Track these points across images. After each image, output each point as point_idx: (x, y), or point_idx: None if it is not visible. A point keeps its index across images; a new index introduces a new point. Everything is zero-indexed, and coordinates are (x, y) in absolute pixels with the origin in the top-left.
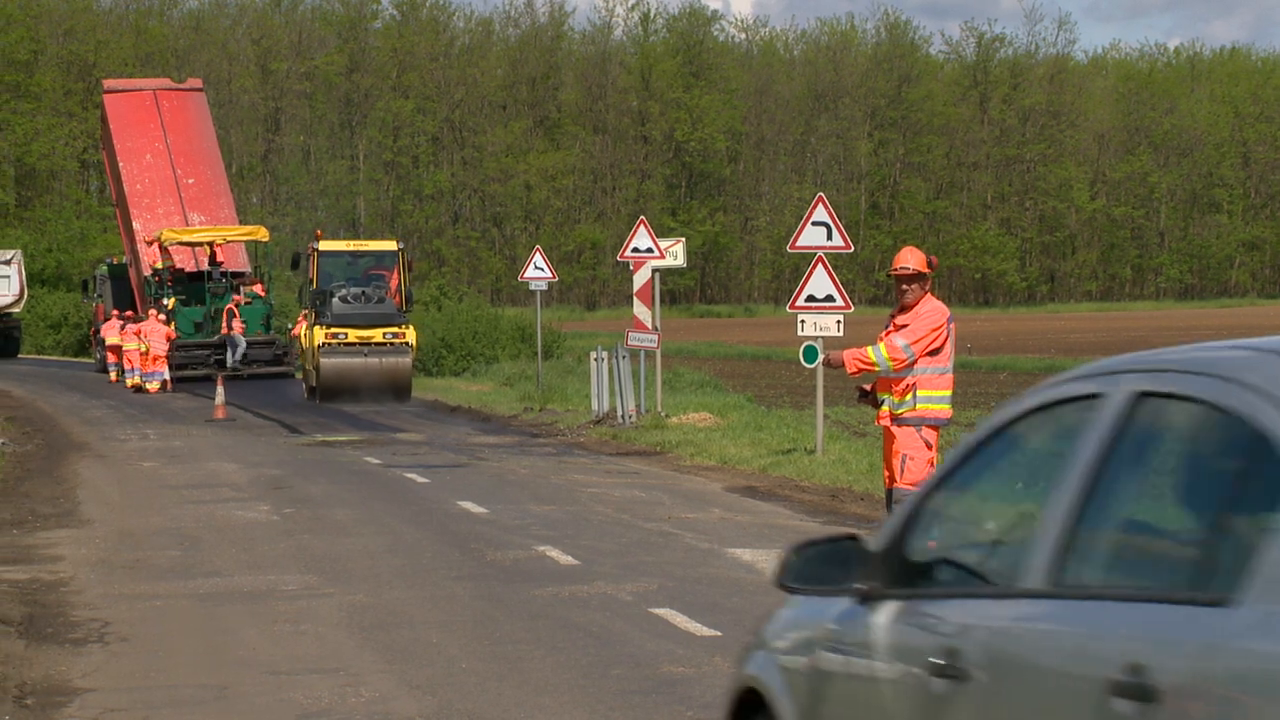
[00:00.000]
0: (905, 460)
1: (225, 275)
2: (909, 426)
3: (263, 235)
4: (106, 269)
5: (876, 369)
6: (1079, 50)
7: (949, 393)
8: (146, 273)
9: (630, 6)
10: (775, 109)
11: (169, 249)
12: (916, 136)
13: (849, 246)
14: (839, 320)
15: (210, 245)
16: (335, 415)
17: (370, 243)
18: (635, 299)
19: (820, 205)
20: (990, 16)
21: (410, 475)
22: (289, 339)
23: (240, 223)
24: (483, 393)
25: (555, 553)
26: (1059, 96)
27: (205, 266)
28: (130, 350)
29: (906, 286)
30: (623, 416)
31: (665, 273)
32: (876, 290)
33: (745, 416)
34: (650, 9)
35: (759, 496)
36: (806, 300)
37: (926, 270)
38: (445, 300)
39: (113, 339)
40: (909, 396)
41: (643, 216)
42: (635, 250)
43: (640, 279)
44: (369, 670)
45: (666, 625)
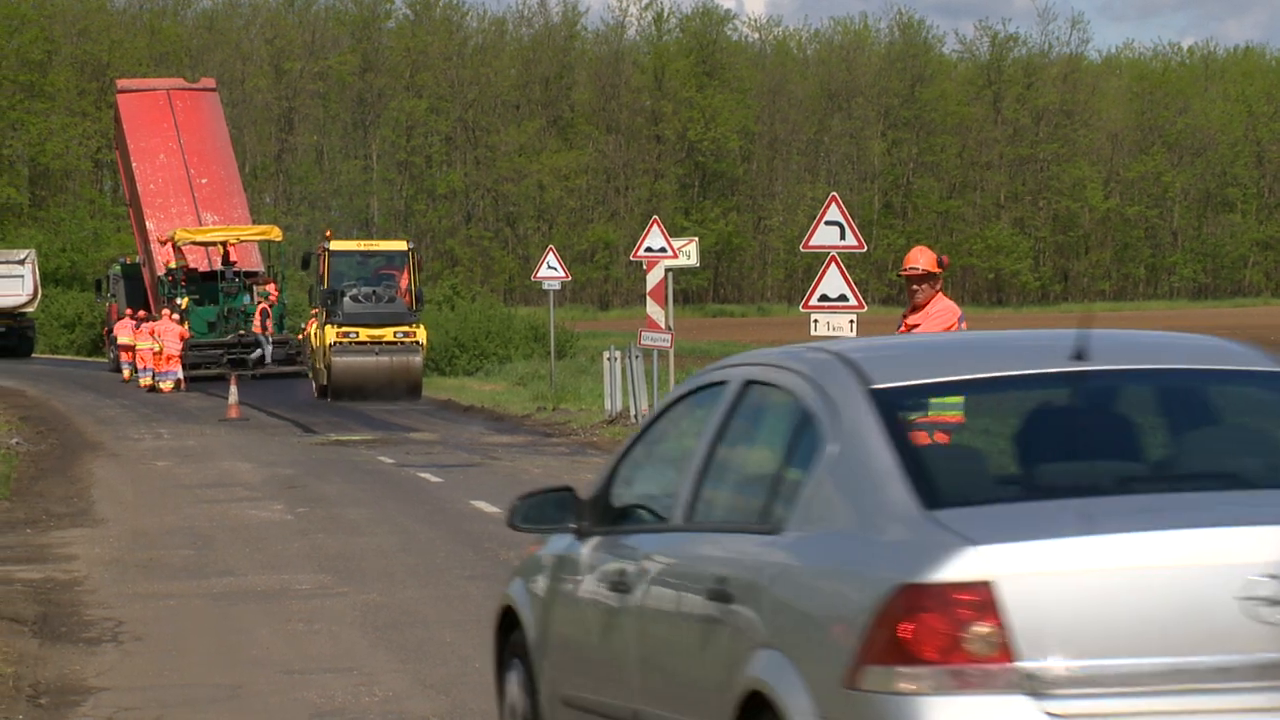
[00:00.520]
0: None
1: (238, 275)
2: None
3: (276, 235)
4: (120, 269)
5: None
6: (1092, 50)
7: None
8: (160, 272)
9: (643, 6)
10: (788, 108)
11: (182, 249)
12: (930, 136)
13: (862, 246)
14: (852, 320)
15: (223, 245)
16: (348, 414)
17: (380, 243)
18: (648, 298)
19: (833, 204)
20: (1004, 16)
21: (424, 475)
22: (301, 339)
23: (253, 222)
24: (496, 392)
25: None
26: (1072, 96)
27: (218, 266)
28: (144, 349)
29: (916, 286)
30: (636, 416)
31: (678, 272)
32: (890, 290)
33: None
34: (663, 8)
35: None
36: (819, 300)
37: (936, 270)
38: (458, 300)
39: (126, 339)
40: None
41: (656, 216)
42: (648, 250)
43: (653, 278)
44: (382, 669)
45: None
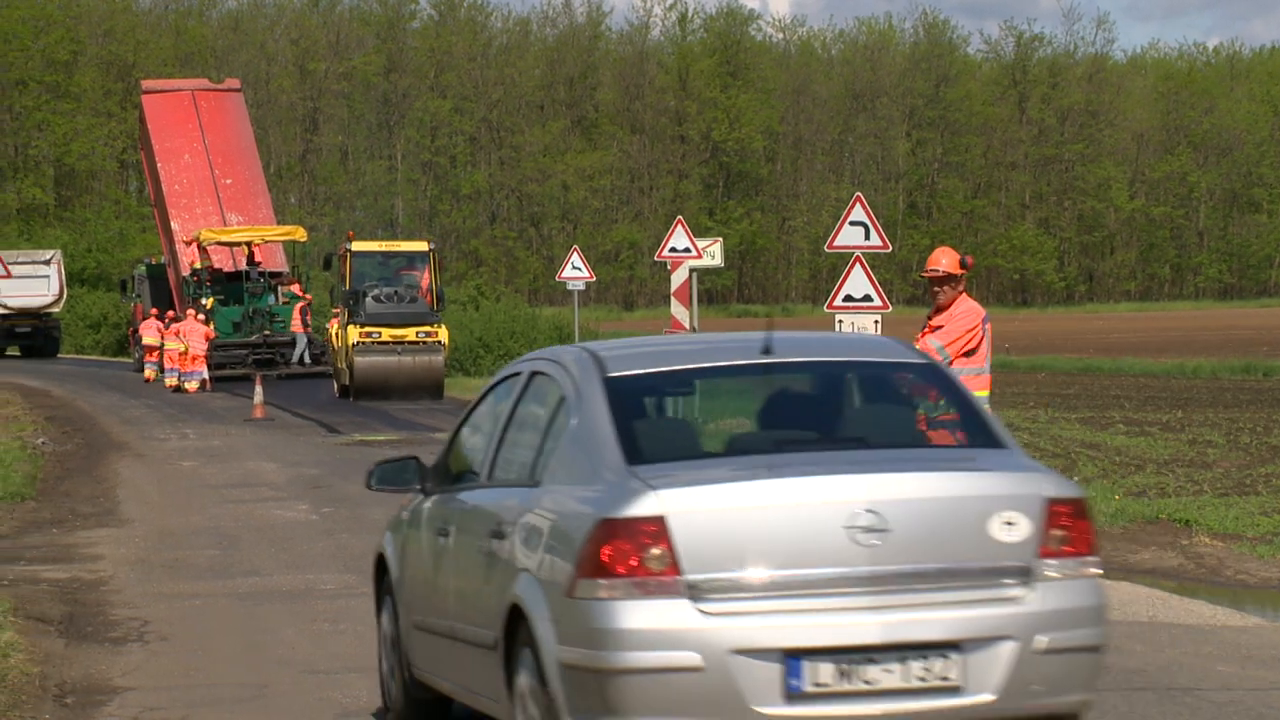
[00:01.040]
0: None
1: (263, 275)
2: (944, 430)
3: (300, 235)
4: (145, 269)
5: None
6: (1118, 49)
7: (986, 394)
8: (185, 273)
9: (668, 6)
10: (813, 108)
11: (207, 249)
12: (954, 136)
13: (887, 246)
14: (877, 320)
15: (248, 245)
16: (373, 414)
17: (402, 243)
18: (673, 299)
19: (858, 205)
20: (1029, 16)
21: None
22: (324, 339)
23: (278, 223)
24: None
25: None
26: (1098, 96)
27: (243, 266)
28: (170, 350)
29: (939, 288)
30: None
31: (703, 272)
32: (914, 290)
33: None
34: (688, 9)
35: None
36: (844, 300)
37: (959, 271)
38: (483, 300)
39: (150, 339)
40: (944, 400)
41: (680, 216)
42: (673, 250)
43: (678, 279)
44: None
45: None
